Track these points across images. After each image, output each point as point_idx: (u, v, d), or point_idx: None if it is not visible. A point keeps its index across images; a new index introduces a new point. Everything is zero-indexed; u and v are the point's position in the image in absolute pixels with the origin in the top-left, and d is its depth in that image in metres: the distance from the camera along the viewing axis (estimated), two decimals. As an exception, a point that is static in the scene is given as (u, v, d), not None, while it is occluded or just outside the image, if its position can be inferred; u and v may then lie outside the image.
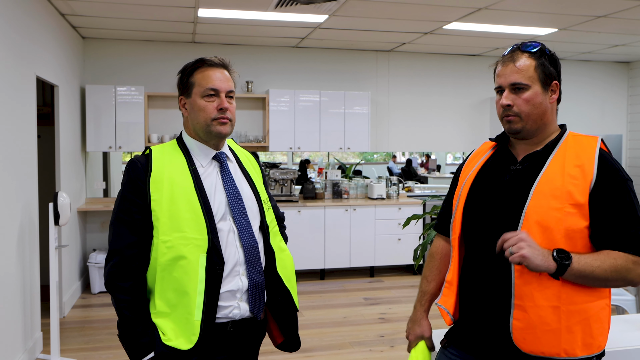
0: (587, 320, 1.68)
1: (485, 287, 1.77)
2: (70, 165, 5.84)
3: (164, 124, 6.88)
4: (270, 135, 6.97)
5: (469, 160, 1.97)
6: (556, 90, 1.79)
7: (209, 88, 1.91)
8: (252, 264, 1.93)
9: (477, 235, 1.81)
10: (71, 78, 5.98)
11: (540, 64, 1.75)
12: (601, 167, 1.68)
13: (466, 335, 1.85)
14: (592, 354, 1.70)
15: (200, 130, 1.95)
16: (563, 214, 1.65)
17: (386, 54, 7.60)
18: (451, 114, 7.89)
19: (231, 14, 5.55)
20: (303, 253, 6.65)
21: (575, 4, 5.15)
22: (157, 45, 6.91)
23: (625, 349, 2.13)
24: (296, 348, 2.11)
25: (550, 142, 1.78)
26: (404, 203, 7.08)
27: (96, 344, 4.71)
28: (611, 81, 8.48)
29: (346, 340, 4.84)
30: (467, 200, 1.86)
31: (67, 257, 5.63)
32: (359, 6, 5.22)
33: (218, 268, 1.85)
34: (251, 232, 1.94)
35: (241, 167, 2.07)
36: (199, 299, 1.82)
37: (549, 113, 1.79)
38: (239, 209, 1.94)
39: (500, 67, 1.80)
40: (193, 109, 1.94)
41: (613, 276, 1.64)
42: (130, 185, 1.88)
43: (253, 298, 1.93)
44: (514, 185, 1.76)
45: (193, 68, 1.95)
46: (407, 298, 6.16)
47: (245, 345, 1.99)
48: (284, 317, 2.04)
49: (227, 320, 1.90)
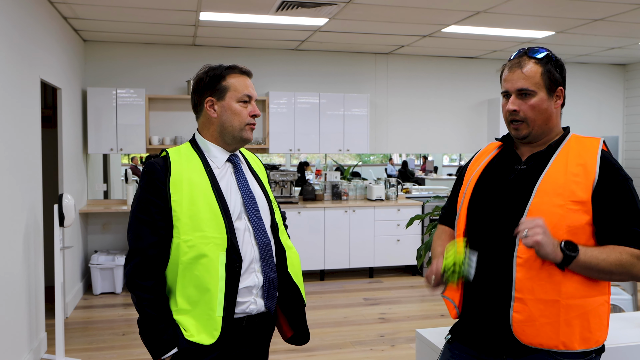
0: (586, 315, 1.74)
1: (487, 281, 1.82)
2: (72, 167, 5.88)
3: (164, 126, 6.93)
4: (270, 137, 7.02)
5: (475, 159, 2.03)
6: (561, 95, 1.84)
7: (245, 94, 2.02)
8: (267, 261, 2.00)
9: (481, 231, 1.87)
10: (73, 81, 6.03)
11: (546, 71, 1.80)
12: (603, 166, 1.74)
13: (469, 330, 1.90)
14: (590, 348, 1.76)
15: (229, 134, 2.02)
16: (565, 210, 1.71)
17: (385, 56, 7.67)
18: (449, 116, 7.95)
19: (233, 17, 5.60)
20: (303, 254, 6.64)
21: (572, 7, 5.22)
22: (158, 48, 6.96)
23: (623, 345, 2.19)
24: (306, 340, 2.18)
25: (553, 143, 1.84)
26: (403, 204, 7.14)
27: (99, 344, 4.75)
28: (608, 83, 8.56)
29: (347, 339, 4.90)
30: (471, 198, 1.92)
31: (70, 259, 5.67)
32: (359, 9, 5.28)
33: (237, 265, 1.92)
34: (264, 230, 2.02)
35: (250, 169, 2.15)
36: (220, 296, 1.89)
37: (554, 117, 1.85)
38: (253, 208, 2.01)
39: (507, 71, 1.85)
40: (226, 112, 2.00)
41: (618, 270, 1.69)
42: (150, 187, 1.93)
43: (268, 294, 2.00)
44: (518, 183, 1.82)
45: (226, 72, 2.01)
46: (407, 298, 6.21)
47: (258, 339, 2.06)
48: (294, 312, 2.12)
49: (243, 316, 1.97)
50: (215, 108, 2.02)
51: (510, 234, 1.75)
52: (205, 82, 2.02)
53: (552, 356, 1.74)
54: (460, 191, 2.01)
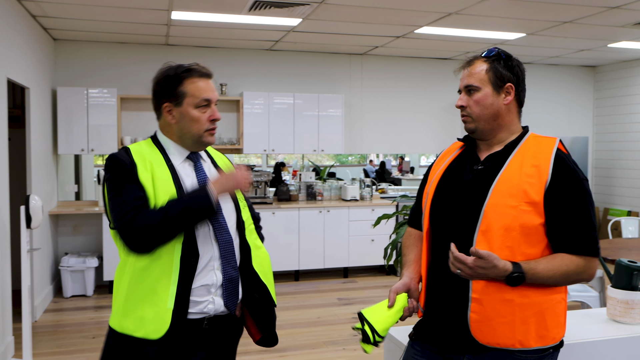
0: (542, 313, 1.77)
1: (446, 281, 1.84)
2: (41, 168, 5.79)
3: (137, 127, 6.85)
4: (244, 138, 6.99)
5: (439, 159, 2.05)
6: (511, 92, 1.86)
7: (204, 99, 1.94)
8: (227, 259, 1.97)
9: (441, 232, 1.89)
10: (42, 80, 5.94)
11: (492, 67, 1.85)
12: (557, 167, 1.76)
13: (430, 328, 1.92)
14: (547, 345, 1.79)
15: (189, 139, 1.98)
16: (518, 211, 1.73)
17: (359, 57, 7.69)
18: (424, 116, 8.00)
19: (205, 17, 5.57)
20: (277, 254, 6.67)
21: (542, 10, 5.28)
22: (130, 47, 6.89)
23: (588, 341, 2.23)
24: (274, 343, 2.14)
25: (510, 143, 1.86)
26: (377, 204, 7.16)
27: (69, 348, 4.68)
28: (578, 85, 8.69)
29: (320, 339, 4.89)
30: (433, 198, 1.93)
31: (39, 261, 5.58)
32: (332, 10, 5.29)
33: (192, 260, 1.88)
34: (226, 228, 1.98)
35: (216, 167, 2.11)
36: (172, 288, 1.85)
37: (504, 114, 1.86)
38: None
39: (460, 71, 1.93)
40: (184, 118, 1.95)
41: (563, 281, 1.78)
42: (121, 172, 1.87)
43: (227, 292, 1.96)
44: (475, 184, 1.84)
45: (182, 76, 1.94)
46: (381, 298, 6.17)
47: (223, 341, 2.03)
48: (261, 312, 2.07)
49: (202, 316, 1.93)
50: (174, 114, 1.97)
51: (468, 235, 1.77)
52: (162, 87, 1.96)
53: (510, 353, 1.76)
54: (424, 191, 2.02)
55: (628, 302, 2.36)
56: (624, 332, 2.31)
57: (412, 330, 2.01)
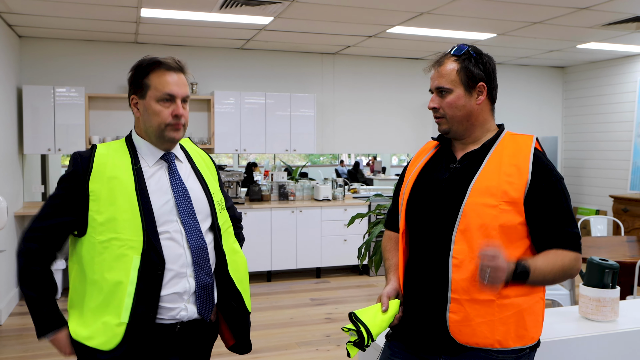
0: (521, 313, 1.76)
1: (424, 282, 1.82)
2: (5, 167, 5.64)
3: (106, 126, 6.73)
4: (215, 137, 6.91)
5: (414, 158, 2.02)
6: (483, 91, 1.84)
7: (166, 93, 1.86)
8: (200, 265, 1.89)
9: (418, 232, 1.87)
10: (6, 78, 5.78)
11: (463, 67, 1.82)
12: (536, 167, 1.76)
13: (407, 328, 1.90)
14: (525, 345, 1.78)
15: (152, 134, 1.91)
16: (498, 211, 1.72)
17: (331, 56, 7.67)
18: (395, 116, 8.02)
19: (175, 14, 5.48)
20: (249, 255, 6.54)
21: (512, 10, 5.33)
22: (99, 45, 6.76)
23: (559, 339, 2.23)
24: (247, 351, 2.10)
25: (487, 142, 1.85)
26: (349, 204, 7.15)
27: (35, 352, 4.56)
28: (547, 85, 8.82)
29: (293, 340, 4.86)
30: (409, 198, 1.91)
31: (4, 263, 5.43)
32: (304, 9, 5.26)
33: (158, 269, 1.81)
34: (200, 233, 1.91)
35: (194, 168, 2.04)
36: (127, 301, 1.78)
37: (477, 114, 1.85)
38: (187, 210, 1.90)
39: (430, 70, 1.90)
40: (147, 111, 1.89)
41: (561, 277, 1.75)
42: (69, 181, 1.86)
43: (201, 300, 1.90)
44: (452, 183, 1.82)
45: (149, 69, 1.88)
46: (353, 298, 6.22)
47: (196, 346, 1.97)
48: (235, 320, 2.03)
49: (174, 322, 1.87)
50: (139, 107, 1.92)
51: (446, 234, 1.75)
52: (131, 78, 1.91)
53: (487, 353, 1.75)
54: (400, 191, 2.00)
55: (600, 299, 2.38)
56: (596, 329, 2.33)
57: (389, 330, 1.99)
